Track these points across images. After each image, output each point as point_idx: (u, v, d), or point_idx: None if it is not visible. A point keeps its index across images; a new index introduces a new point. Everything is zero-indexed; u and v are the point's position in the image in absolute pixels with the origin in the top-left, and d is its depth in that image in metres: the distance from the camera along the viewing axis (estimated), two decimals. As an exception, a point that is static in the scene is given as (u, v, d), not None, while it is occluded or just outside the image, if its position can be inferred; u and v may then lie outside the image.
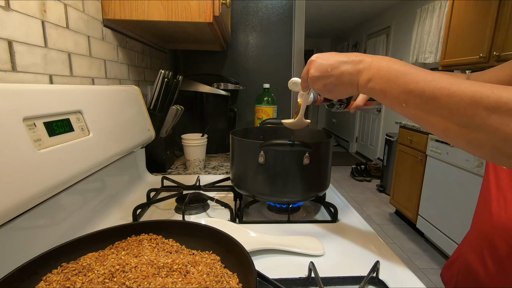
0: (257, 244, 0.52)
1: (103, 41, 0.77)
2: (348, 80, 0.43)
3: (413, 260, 2.08)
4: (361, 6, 3.98)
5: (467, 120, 0.31)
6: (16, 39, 0.48)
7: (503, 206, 0.49)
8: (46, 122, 0.46)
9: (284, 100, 1.47)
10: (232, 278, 0.38)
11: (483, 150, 0.31)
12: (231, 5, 1.33)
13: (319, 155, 0.64)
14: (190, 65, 1.43)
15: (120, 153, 0.69)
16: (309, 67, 0.48)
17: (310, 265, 0.44)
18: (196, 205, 0.70)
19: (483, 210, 0.54)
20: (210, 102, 1.22)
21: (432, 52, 2.90)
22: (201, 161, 1.02)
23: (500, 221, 0.48)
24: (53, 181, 0.45)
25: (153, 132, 0.90)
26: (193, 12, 0.77)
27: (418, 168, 2.30)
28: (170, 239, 0.46)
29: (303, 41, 1.41)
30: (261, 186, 0.65)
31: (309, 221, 0.66)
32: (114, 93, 0.71)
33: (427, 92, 0.34)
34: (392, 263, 0.50)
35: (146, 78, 1.09)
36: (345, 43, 5.74)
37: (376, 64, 0.40)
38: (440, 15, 2.79)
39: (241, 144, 0.66)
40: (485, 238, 0.52)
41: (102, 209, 0.67)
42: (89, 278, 0.36)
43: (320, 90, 0.48)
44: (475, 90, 0.30)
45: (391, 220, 2.71)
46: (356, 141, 5.32)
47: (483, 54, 2.00)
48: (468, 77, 0.62)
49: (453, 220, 1.93)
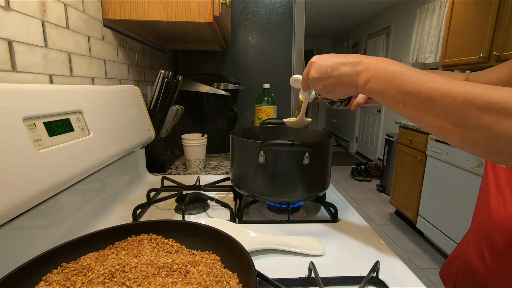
0: (257, 244, 0.52)
1: (103, 41, 0.77)
2: (347, 81, 0.44)
3: (413, 260, 2.08)
4: (361, 6, 3.98)
5: (461, 119, 0.32)
6: (16, 39, 0.48)
7: (501, 204, 0.50)
8: (46, 122, 0.46)
9: (284, 100, 1.47)
10: (232, 278, 0.38)
11: (476, 148, 0.33)
12: (231, 5, 1.33)
13: (319, 155, 0.64)
14: (190, 65, 1.43)
15: (120, 153, 0.69)
16: (309, 68, 0.49)
17: (310, 265, 0.44)
18: (196, 205, 0.70)
19: (483, 208, 0.55)
20: (210, 102, 1.22)
21: (432, 52, 2.90)
22: (201, 161, 1.02)
23: (499, 218, 0.49)
24: (53, 181, 0.45)
25: (153, 132, 0.90)
26: (193, 12, 0.77)
27: (418, 168, 2.30)
28: (170, 239, 0.46)
29: (303, 41, 1.41)
30: (261, 186, 0.65)
31: (309, 221, 0.66)
32: (114, 93, 0.71)
33: (423, 92, 0.35)
34: (392, 263, 0.50)
35: (146, 78, 1.09)
36: (345, 43, 5.74)
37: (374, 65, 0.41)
38: (440, 15, 2.80)
39: (241, 144, 0.66)
40: (484, 235, 0.52)
41: (102, 209, 0.67)
42: (89, 278, 0.36)
43: (321, 90, 0.49)
44: (468, 91, 0.32)
45: (391, 220, 2.71)
46: (356, 141, 5.32)
47: (483, 54, 2.00)
48: (468, 77, 0.63)
49: (453, 220, 1.93)
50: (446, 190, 1.99)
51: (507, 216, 0.48)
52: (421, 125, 0.38)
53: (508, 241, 0.47)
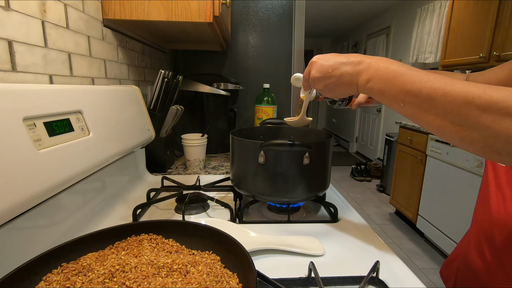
0: (257, 244, 0.52)
1: (103, 41, 0.77)
2: (348, 81, 0.45)
3: (413, 260, 2.08)
4: (361, 6, 3.98)
5: (461, 119, 0.33)
6: (16, 39, 0.48)
7: (501, 202, 0.50)
8: (46, 122, 0.46)
9: (284, 100, 1.47)
10: (232, 278, 0.38)
11: (475, 147, 0.33)
12: (231, 5, 1.33)
13: (319, 155, 0.64)
14: (190, 65, 1.43)
15: (120, 153, 0.69)
16: (310, 68, 0.49)
17: (310, 265, 0.44)
18: (196, 205, 0.70)
19: (483, 207, 0.55)
20: (210, 102, 1.22)
21: (432, 52, 2.90)
22: (201, 161, 1.02)
23: (499, 217, 0.50)
24: (53, 181, 0.45)
25: (153, 132, 0.90)
26: (193, 12, 0.77)
27: (418, 168, 2.30)
28: (170, 239, 0.46)
29: (303, 41, 1.41)
30: (261, 186, 0.65)
31: (309, 221, 0.66)
32: (114, 93, 0.71)
33: (423, 92, 0.35)
34: (392, 263, 0.50)
35: (146, 78, 1.09)
36: (345, 43, 5.74)
37: (374, 65, 0.41)
38: (440, 15, 2.79)
39: (241, 144, 0.66)
40: (484, 233, 0.53)
41: (102, 209, 0.67)
42: (89, 278, 0.36)
43: (322, 90, 0.49)
44: (467, 90, 0.32)
45: (391, 220, 2.71)
46: (356, 141, 5.32)
47: (483, 54, 2.00)
48: (468, 78, 0.63)
49: (453, 220, 1.93)
50: (446, 190, 1.99)
51: (507, 214, 0.49)
52: (421, 124, 0.38)
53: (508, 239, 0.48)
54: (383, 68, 0.40)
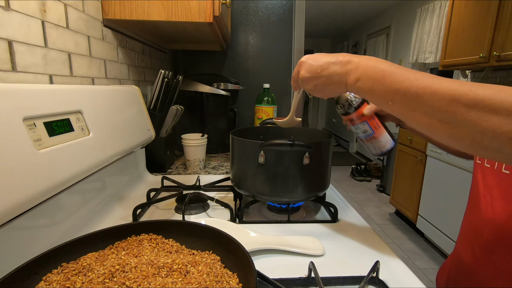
0: (257, 244, 0.52)
1: (103, 41, 0.77)
2: (337, 80, 0.45)
3: (413, 260, 2.08)
4: (361, 6, 3.98)
5: (449, 117, 0.33)
6: (16, 39, 0.48)
7: (489, 202, 0.52)
8: (46, 122, 0.46)
9: (284, 100, 1.47)
10: (232, 278, 0.38)
11: (463, 144, 0.34)
12: (231, 5, 1.33)
13: (319, 155, 0.64)
14: (190, 65, 1.43)
15: (120, 153, 0.69)
16: (299, 68, 0.50)
17: (310, 265, 0.44)
18: (196, 205, 0.70)
19: (473, 207, 0.57)
20: (210, 102, 1.22)
21: (432, 52, 2.90)
22: (201, 161, 1.02)
23: (487, 216, 0.51)
24: (53, 181, 0.45)
25: (153, 132, 0.90)
26: (193, 12, 0.77)
27: (418, 168, 2.30)
28: (170, 239, 0.46)
29: (303, 41, 1.41)
30: (261, 186, 0.65)
31: (309, 221, 0.66)
32: (114, 93, 0.71)
33: (411, 91, 0.36)
34: (392, 263, 0.50)
35: (146, 78, 1.09)
36: (345, 43, 5.74)
37: (363, 64, 0.42)
38: (440, 15, 2.80)
39: (241, 144, 0.66)
40: (474, 232, 0.54)
41: (102, 209, 0.67)
42: (89, 278, 0.36)
43: (311, 90, 0.49)
44: (454, 89, 0.33)
45: (391, 220, 2.71)
46: (356, 141, 5.32)
47: (483, 54, 2.00)
48: None
49: (453, 220, 1.93)
50: (446, 190, 1.99)
51: (494, 212, 0.50)
52: (410, 123, 0.38)
53: (497, 238, 0.49)
54: (371, 67, 0.40)
